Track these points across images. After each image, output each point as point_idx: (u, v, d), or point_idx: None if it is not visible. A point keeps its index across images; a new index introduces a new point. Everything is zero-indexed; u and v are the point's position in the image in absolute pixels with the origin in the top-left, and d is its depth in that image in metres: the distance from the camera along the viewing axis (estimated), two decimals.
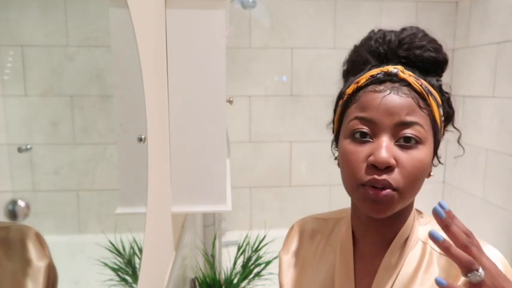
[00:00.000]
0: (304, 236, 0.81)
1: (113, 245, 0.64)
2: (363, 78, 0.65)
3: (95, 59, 0.61)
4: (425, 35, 0.67)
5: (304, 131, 2.67)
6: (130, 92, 0.77)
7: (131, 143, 0.74)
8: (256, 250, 1.63)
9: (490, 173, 2.36)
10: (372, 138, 0.62)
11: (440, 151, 0.69)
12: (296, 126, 2.67)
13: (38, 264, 0.44)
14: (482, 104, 2.43)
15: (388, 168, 0.59)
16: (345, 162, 0.64)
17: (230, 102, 1.37)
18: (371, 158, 0.60)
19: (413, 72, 0.65)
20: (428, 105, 0.63)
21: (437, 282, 0.52)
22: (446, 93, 0.69)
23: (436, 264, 0.65)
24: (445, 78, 0.71)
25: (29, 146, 0.42)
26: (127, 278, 0.71)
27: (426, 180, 0.67)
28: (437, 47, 0.67)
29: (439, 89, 0.67)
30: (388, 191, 0.59)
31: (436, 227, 0.68)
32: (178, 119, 1.08)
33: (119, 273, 0.69)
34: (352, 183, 0.63)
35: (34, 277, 0.43)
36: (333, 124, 0.72)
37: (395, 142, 0.61)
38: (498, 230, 2.27)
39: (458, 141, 0.73)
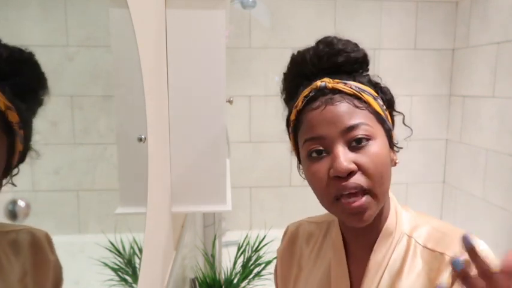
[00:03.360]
0: (300, 240, 0.83)
1: (113, 245, 0.64)
2: (299, 102, 0.69)
3: (95, 59, 0.61)
4: (339, 39, 0.70)
5: None
6: (130, 92, 0.77)
7: (131, 143, 0.74)
8: (256, 250, 1.63)
9: (490, 173, 2.36)
10: (327, 153, 0.64)
11: (396, 136, 0.72)
12: None
13: (46, 265, 0.44)
14: (482, 104, 2.43)
15: (351, 174, 0.61)
16: (312, 184, 0.67)
17: (230, 102, 1.37)
18: (331, 171, 0.62)
19: (340, 78, 0.67)
20: (364, 102, 0.65)
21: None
22: (377, 83, 0.71)
23: (420, 257, 0.67)
24: (445, 78, 0.72)
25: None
26: (127, 278, 0.71)
27: (426, 180, 0.68)
28: (353, 47, 0.70)
29: (370, 83, 0.70)
30: (362, 198, 0.61)
31: (418, 219, 0.71)
32: (178, 119, 1.08)
33: (119, 273, 0.69)
34: (326, 201, 0.65)
35: (42, 278, 0.43)
36: (293, 150, 0.76)
37: (349, 147, 0.63)
38: (498, 230, 2.27)
39: (403, 123, 0.74)
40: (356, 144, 0.62)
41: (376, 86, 0.70)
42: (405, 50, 2.69)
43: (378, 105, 0.67)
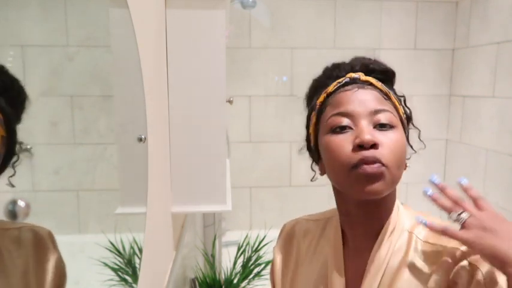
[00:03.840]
0: (297, 237, 0.83)
1: (113, 245, 0.64)
2: (331, 87, 0.72)
3: (95, 59, 0.61)
4: (371, 58, 0.76)
5: (304, 131, 2.67)
6: (130, 92, 0.77)
7: (131, 143, 0.74)
8: (256, 250, 1.63)
9: (490, 173, 2.36)
10: (351, 128, 0.66)
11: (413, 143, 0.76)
12: (296, 126, 2.66)
13: (49, 262, 0.44)
14: (482, 104, 2.43)
15: (374, 146, 0.63)
16: (331, 152, 0.67)
17: (230, 102, 1.37)
18: (357, 140, 0.64)
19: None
20: (391, 100, 0.70)
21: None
22: (402, 96, 0.76)
23: (421, 251, 0.68)
24: (445, 78, 0.74)
25: (29, 146, 0.42)
26: (127, 278, 0.71)
27: (426, 180, 0.70)
28: (384, 64, 0.76)
29: (395, 94, 0.74)
30: (378, 164, 0.63)
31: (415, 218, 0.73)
32: (178, 119, 1.08)
33: (119, 273, 0.69)
34: (343, 169, 0.65)
35: (45, 275, 0.43)
36: (307, 141, 0.78)
37: (373, 127, 0.66)
38: None
39: (419, 138, 0.79)
40: (380, 128, 0.66)
41: (399, 99, 0.75)
42: (405, 50, 2.69)
43: (401, 109, 0.72)
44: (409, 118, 0.76)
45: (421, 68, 2.71)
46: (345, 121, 0.66)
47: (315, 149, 0.75)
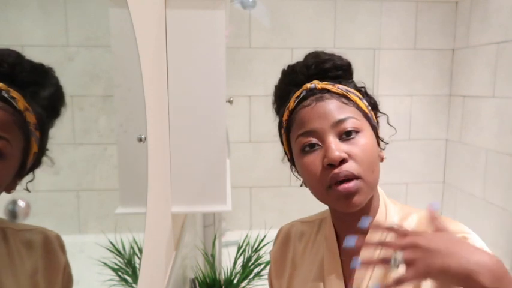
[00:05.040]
0: (292, 240, 0.85)
1: (113, 245, 0.64)
2: (291, 102, 0.74)
3: (95, 59, 0.61)
4: (325, 52, 0.77)
5: None
6: (130, 92, 0.77)
7: (131, 143, 0.74)
8: (256, 250, 1.63)
9: (490, 173, 2.36)
10: (319, 145, 0.68)
11: (382, 135, 0.77)
12: None
13: (57, 265, 0.45)
14: (482, 104, 2.43)
15: (343, 161, 0.66)
16: (306, 175, 0.70)
17: (230, 102, 1.37)
18: (325, 160, 0.66)
19: (327, 81, 0.74)
20: (351, 100, 0.71)
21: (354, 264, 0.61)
22: (362, 87, 0.77)
23: None
24: (445, 78, 0.75)
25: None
26: (127, 278, 0.71)
27: (426, 180, 0.70)
28: (338, 57, 0.77)
29: (355, 87, 0.76)
30: (353, 182, 0.65)
31: (408, 210, 0.75)
32: (178, 119, 1.08)
33: (119, 273, 0.69)
34: (320, 189, 0.69)
35: (53, 277, 0.44)
36: (285, 153, 0.81)
37: (340, 139, 0.68)
38: (498, 230, 2.27)
39: (388, 122, 0.80)
40: (346, 137, 0.67)
41: (360, 90, 0.76)
42: (405, 50, 2.69)
43: (363, 104, 0.73)
44: (374, 106, 0.77)
45: (421, 68, 2.71)
46: (312, 139, 0.68)
47: (292, 163, 0.79)
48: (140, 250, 0.77)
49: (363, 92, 0.76)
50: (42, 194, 0.46)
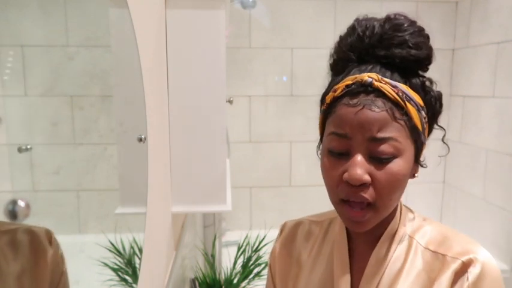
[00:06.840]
0: (298, 240, 0.82)
1: (113, 245, 0.64)
2: (339, 88, 0.64)
3: (95, 59, 0.61)
4: (410, 24, 0.65)
5: (304, 131, 2.67)
6: (130, 92, 0.77)
7: (131, 143, 0.74)
8: (256, 250, 1.63)
9: (490, 173, 2.36)
10: (347, 155, 0.62)
11: (426, 151, 0.70)
12: (296, 126, 2.67)
13: (44, 259, 0.44)
14: (482, 104, 2.43)
15: (363, 185, 0.60)
16: (324, 175, 0.67)
17: (230, 102, 1.37)
18: (345, 175, 0.60)
19: (392, 74, 0.63)
20: (405, 113, 0.60)
21: None
22: (429, 91, 0.65)
23: (421, 258, 0.67)
24: (445, 78, 0.72)
25: (29, 146, 0.42)
26: (127, 278, 0.71)
27: (426, 180, 0.69)
28: (420, 42, 0.63)
29: (422, 89, 0.64)
30: (364, 211, 0.61)
31: (422, 222, 0.71)
32: (178, 119, 1.08)
33: (119, 273, 0.69)
34: (333, 198, 0.66)
35: (41, 274, 0.43)
36: (319, 127, 0.73)
37: (370, 157, 0.60)
38: (498, 230, 2.27)
39: (442, 140, 0.72)
40: (377, 160, 0.60)
41: (426, 94, 0.65)
42: None
43: (418, 118, 0.62)
44: (434, 116, 0.67)
45: None
46: (342, 144, 0.61)
47: (320, 140, 0.72)
48: (140, 250, 0.77)
49: (428, 98, 0.64)
50: (42, 194, 0.46)
